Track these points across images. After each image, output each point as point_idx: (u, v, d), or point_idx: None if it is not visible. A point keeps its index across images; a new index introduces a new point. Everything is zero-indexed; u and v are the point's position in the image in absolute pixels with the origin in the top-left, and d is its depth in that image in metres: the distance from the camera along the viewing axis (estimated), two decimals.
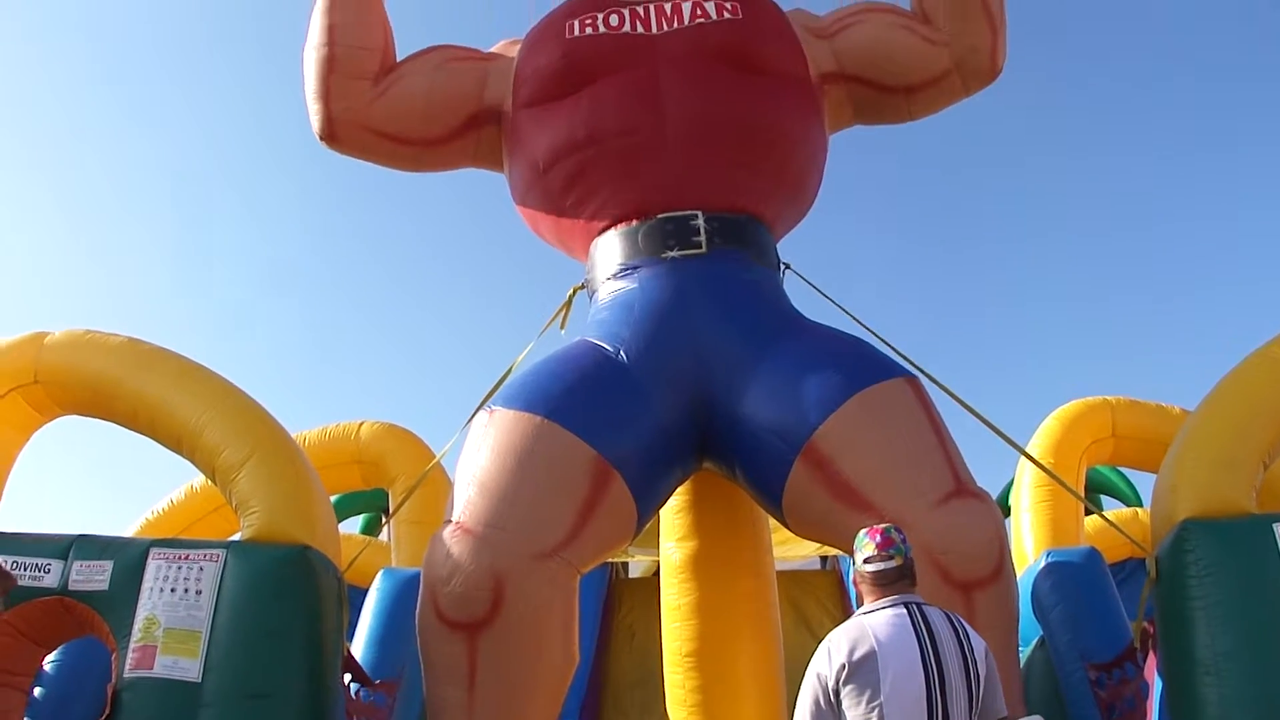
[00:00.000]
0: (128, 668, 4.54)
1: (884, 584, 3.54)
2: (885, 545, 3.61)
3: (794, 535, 5.31)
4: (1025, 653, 5.73)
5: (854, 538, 3.75)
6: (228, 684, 4.48)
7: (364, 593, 6.39)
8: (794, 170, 5.75)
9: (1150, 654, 5.24)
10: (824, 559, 10.42)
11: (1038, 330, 27.23)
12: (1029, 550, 7.41)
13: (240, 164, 28.97)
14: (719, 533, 5.65)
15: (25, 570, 4.73)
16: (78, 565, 4.79)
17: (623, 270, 5.36)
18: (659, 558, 6.04)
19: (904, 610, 3.45)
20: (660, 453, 4.93)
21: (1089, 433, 8.01)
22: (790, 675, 4.83)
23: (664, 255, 5.30)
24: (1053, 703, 5.54)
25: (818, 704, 3.40)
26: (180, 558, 4.76)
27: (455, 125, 5.98)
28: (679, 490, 5.48)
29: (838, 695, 3.36)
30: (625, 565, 10.53)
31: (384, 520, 10.97)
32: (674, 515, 5.71)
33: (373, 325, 30.02)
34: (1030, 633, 5.74)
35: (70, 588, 4.76)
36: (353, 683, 5.28)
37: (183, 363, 5.38)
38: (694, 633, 5.64)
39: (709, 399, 4.95)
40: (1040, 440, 8.00)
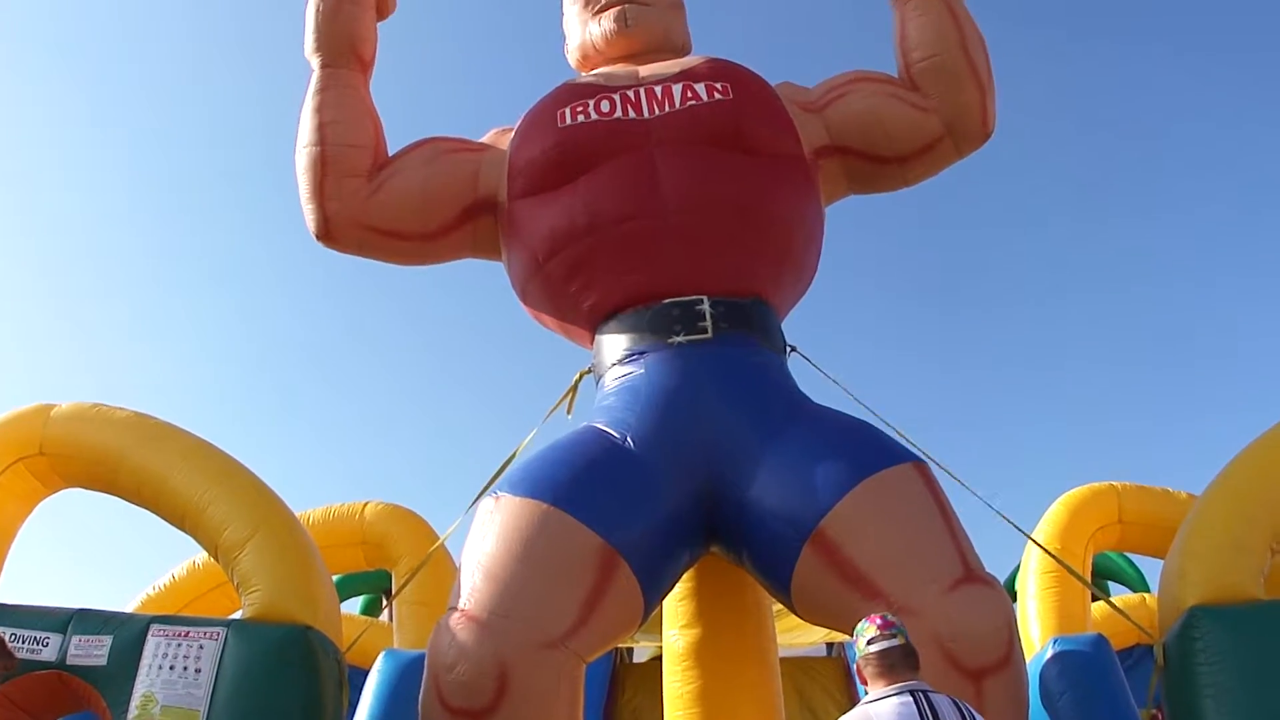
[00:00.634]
0: None
1: (889, 665, 3.51)
2: (886, 626, 3.61)
3: (800, 621, 5.27)
4: None
5: None
6: None
7: (365, 673, 6.32)
8: (794, 249, 5.77)
9: None
10: (830, 645, 10.31)
11: (1043, 413, 27.20)
12: (1035, 637, 7.33)
13: (251, 243, 29.17)
14: (723, 621, 5.59)
15: (24, 643, 4.70)
16: (77, 640, 4.76)
17: (629, 356, 5.34)
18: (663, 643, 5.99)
19: (910, 699, 3.40)
20: (667, 539, 4.88)
21: (1095, 518, 7.98)
22: None
23: (670, 340, 5.29)
24: None
25: None
26: (180, 635, 4.73)
27: (451, 218, 5.99)
28: (682, 578, 5.44)
29: None
30: (630, 650, 10.43)
31: (386, 601, 10.88)
32: (677, 602, 5.66)
33: (378, 405, 30.04)
34: None
35: (68, 662, 4.72)
36: None
37: (188, 439, 5.39)
38: None
39: (717, 485, 4.92)
40: (1046, 526, 7.96)
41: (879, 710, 3.40)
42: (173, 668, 4.63)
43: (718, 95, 5.79)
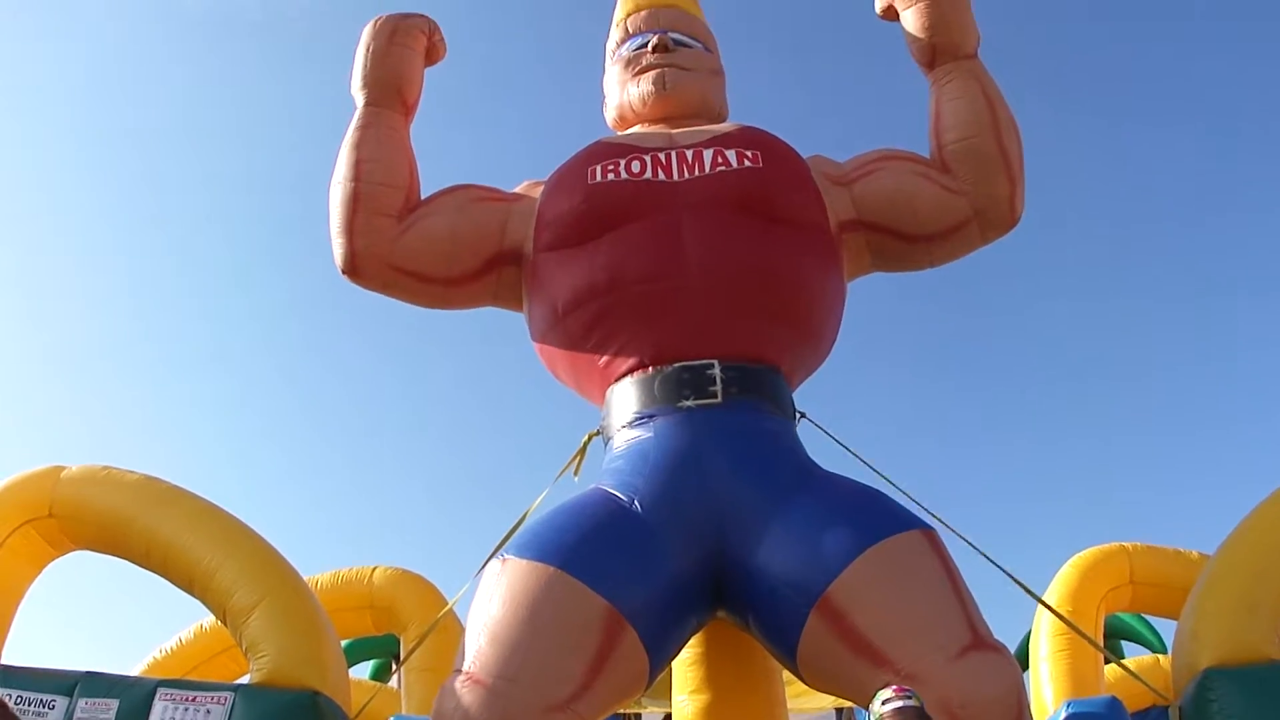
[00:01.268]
0: None
1: None
2: (902, 688, 3.65)
3: (808, 688, 5.22)
4: None
5: (869, 691, 3.77)
6: None
7: None
8: (813, 321, 5.75)
9: None
10: (839, 711, 10.23)
11: (1052, 478, 27.09)
12: (1049, 700, 7.27)
13: (251, 303, 29.39)
14: (732, 686, 5.54)
15: (30, 706, 4.69)
16: (83, 703, 4.74)
17: (638, 419, 5.32)
18: (672, 709, 5.94)
19: None
20: (674, 604, 4.85)
21: (1107, 580, 7.93)
22: None
23: (680, 404, 5.26)
24: None
25: None
26: (187, 699, 4.71)
27: (477, 265, 6.00)
28: (692, 641, 5.40)
29: None
30: (639, 716, 10.35)
31: (395, 666, 10.82)
32: (686, 668, 5.62)
33: (386, 469, 30.01)
34: None
35: None
36: None
37: (197, 502, 5.40)
38: None
39: (724, 550, 4.90)
40: (1057, 589, 7.92)
41: None
42: None
43: (748, 163, 5.79)
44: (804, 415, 5.75)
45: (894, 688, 3.66)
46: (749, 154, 5.86)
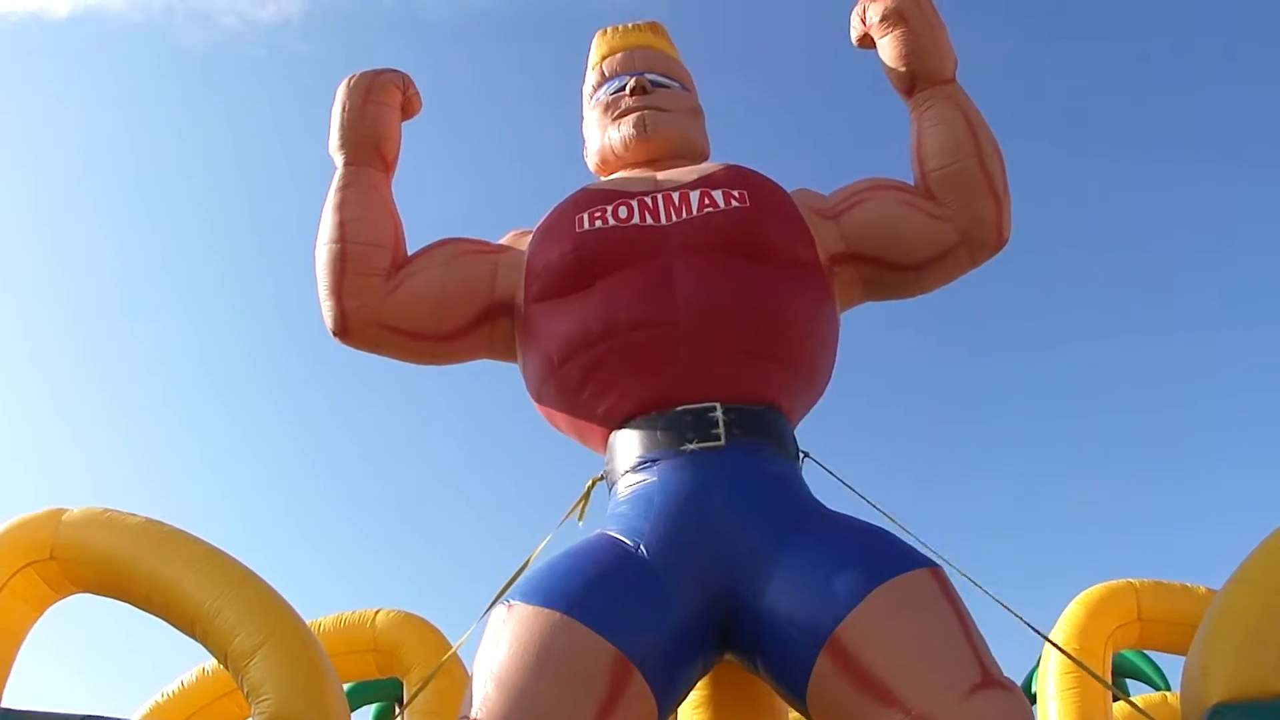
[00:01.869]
0: None
1: None
2: None
3: None
4: None
5: None
6: None
7: None
8: (808, 357, 5.72)
9: None
10: None
11: (1057, 514, 27.07)
12: None
13: (253, 345, 29.48)
14: None
15: None
16: None
17: (642, 463, 5.29)
18: None
19: None
20: (680, 647, 4.81)
21: (1114, 617, 7.89)
22: None
23: (683, 448, 5.23)
24: None
25: None
26: None
27: (468, 319, 5.96)
28: (699, 684, 5.35)
29: None
30: None
31: (397, 710, 10.76)
32: (693, 710, 5.57)
33: (389, 512, 29.98)
34: None
35: None
36: None
37: (199, 546, 5.38)
38: None
39: (731, 592, 4.86)
40: (1064, 626, 7.88)
41: None
42: None
43: (735, 202, 5.77)
44: (807, 455, 5.73)
45: None
46: (735, 193, 5.83)
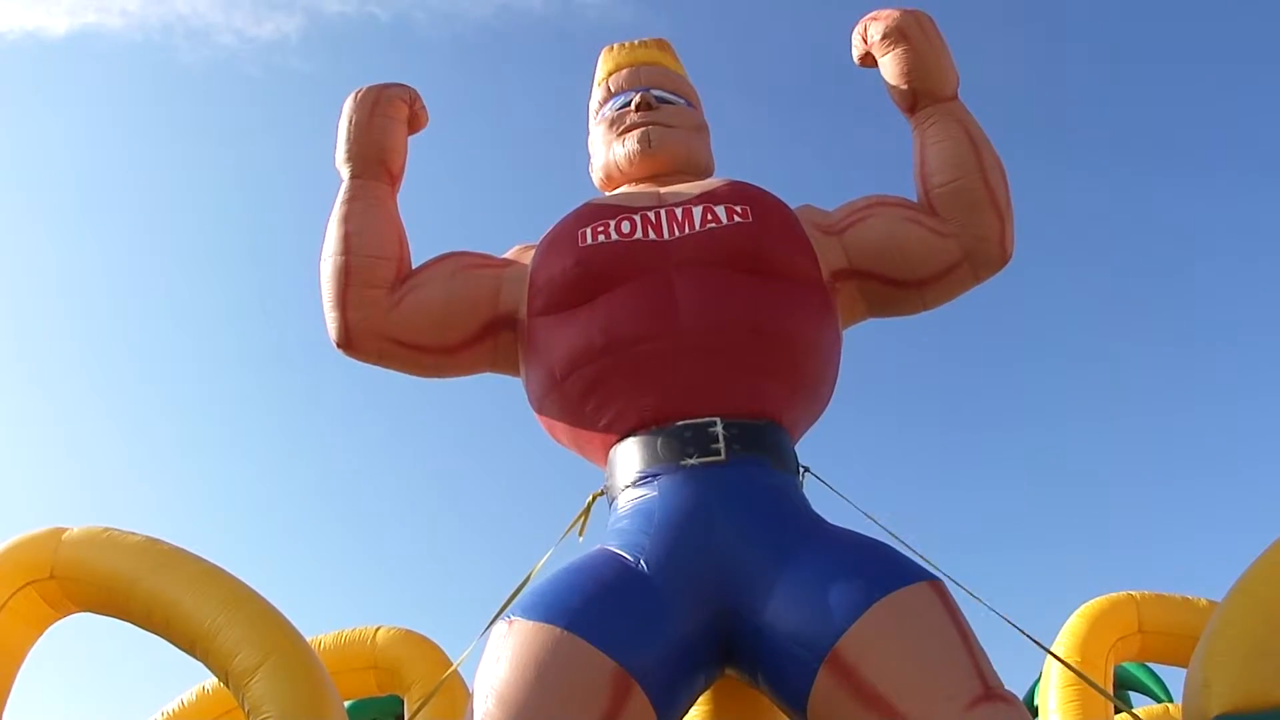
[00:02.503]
0: None
1: None
2: None
3: None
4: None
5: None
6: None
7: None
8: (810, 372, 5.72)
9: None
10: None
11: (1057, 527, 27.07)
12: None
13: (252, 364, 29.50)
14: None
15: None
16: None
17: (642, 478, 5.28)
18: None
19: None
20: (681, 662, 4.81)
21: (1115, 629, 7.89)
22: None
23: (683, 463, 5.21)
24: None
25: None
26: None
27: (471, 333, 5.96)
28: (700, 699, 5.35)
29: None
30: None
31: None
32: None
33: (389, 528, 29.94)
34: None
35: None
36: None
37: (200, 564, 5.37)
38: None
39: (731, 607, 4.86)
40: (1065, 639, 7.88)
41: None
42: None
43: (737, 218, 5.77)
44: (808, 470, 5.73)
45: None
46: (738, 209, 5.83)
